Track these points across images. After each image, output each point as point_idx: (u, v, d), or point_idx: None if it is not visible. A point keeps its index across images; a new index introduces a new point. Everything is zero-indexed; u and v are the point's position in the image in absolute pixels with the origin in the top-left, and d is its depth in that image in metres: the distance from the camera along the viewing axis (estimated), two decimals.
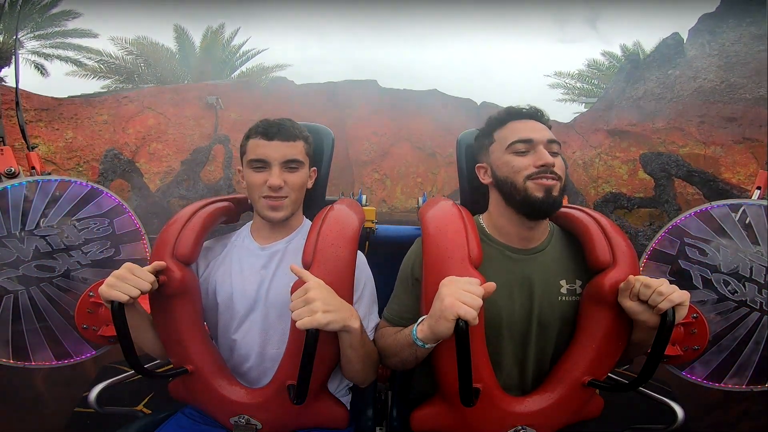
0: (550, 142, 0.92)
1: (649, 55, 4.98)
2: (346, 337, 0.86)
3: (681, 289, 0.77)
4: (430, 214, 1.00)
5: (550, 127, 0.98)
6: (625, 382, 0.84)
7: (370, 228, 1.44)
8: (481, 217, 1.04)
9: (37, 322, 1.26)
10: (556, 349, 0.96)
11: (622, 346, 0.89)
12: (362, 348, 0.89)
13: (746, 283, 1.21)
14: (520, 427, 0.86)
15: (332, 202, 1.12)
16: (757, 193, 1.30)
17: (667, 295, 0.76)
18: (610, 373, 0.93)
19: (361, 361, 0.90)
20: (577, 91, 9.11)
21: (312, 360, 0.76)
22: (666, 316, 0.75)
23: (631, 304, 0.82)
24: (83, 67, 8.34)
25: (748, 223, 1.21)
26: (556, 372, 0.91)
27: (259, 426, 0.93)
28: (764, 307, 1.20)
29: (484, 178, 1.00)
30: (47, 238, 1.27)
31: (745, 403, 1.82)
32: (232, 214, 1.15)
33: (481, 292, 0.74)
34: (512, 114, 0.98)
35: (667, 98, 4.15)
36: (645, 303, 0.80)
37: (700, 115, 3.86)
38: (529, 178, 0.90)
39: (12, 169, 1.27)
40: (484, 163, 1.00)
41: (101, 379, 1.17)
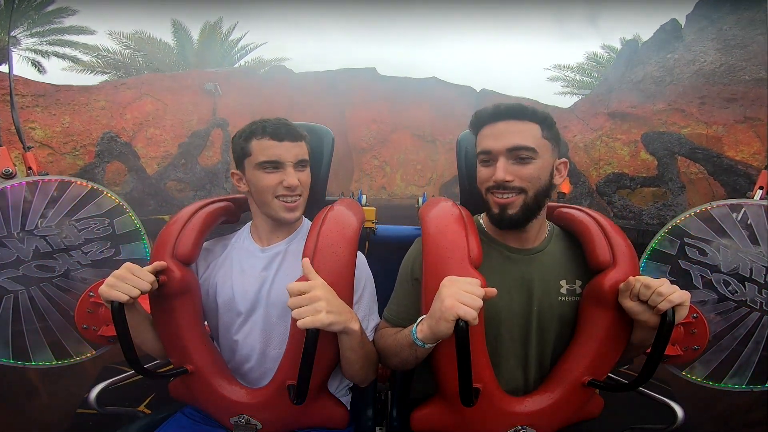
0: (515, 150, 0.86)
1: (648, 41, 4.99)
2: (346, 339, 0.86)
3: (681, 289, 0.77)
4: (430, 214, 1.00)
5: (543, 119, 0.89)
6: (625, 382, 0.84)
7: (370, 228, 1.44)
8: (481, 217, 1.04)
9: (37, 322, 1.26)
10: (556, 349, 0.96)
11: (622, 346, 0.89)
12: (362, 349, 0.89)
13: (746, 283, 1.21)
14: (520, 427, 0.86)
15: (332, 202, 1.12)
16: (760, 192, 1.30)
17: (666, 296, 0.76)
18: (610, 373, 0.93)
19: (361, 361, 0.90)
20: (577, 84, 9.04)
21: (312, 360, 0.76)
22: (666, 317, 0.75)
23: (631, 305, 0.82)
24: (80, 63, 8.27)
25: (748, 223, 1.21)
26: (556, 372, 0.91)
27: (259, 426, 0.93)
28: (764, 307, 1.20)
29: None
30: (47, 238, 1.26)
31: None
32: (232, 214, 1.15)
33: (482, 293, 0.74)
34: (482, 118, 0.92)
35: (666, 81, 4.16)
36: (645, 303, 0.80)
37: (701, 97, 3.87)
38: (488, 191, 0.91)
39: (9, 170, 1.27)
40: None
41: (102, 379, 1.17)
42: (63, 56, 8.37)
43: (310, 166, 1.05)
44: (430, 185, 5.34)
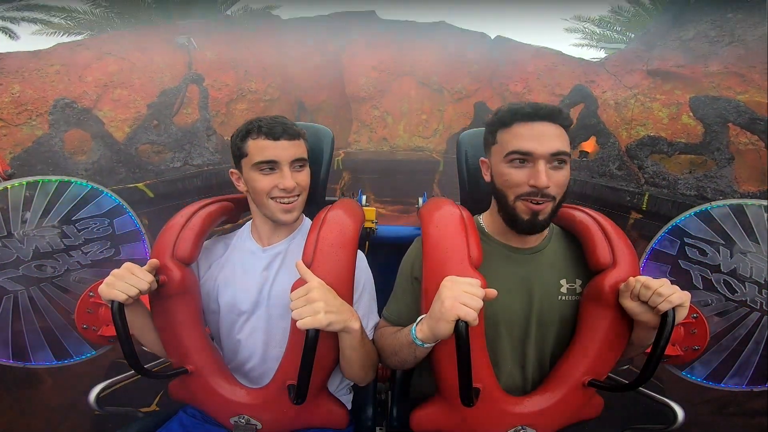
0: (556, 155, 0.83)
1: None
2: (347, 338, 0.86)
3: (681, 289, 0.77)
4: (429, 214, 1.00)
5: (570, 125, 0.88)
6: (625, 382, 0.84)
7: (370, 228, 1.44)
8: (482, 217, 1.04)
9: (37, 322, 1.26)
10: (555, 348, 0.96)
11: (622, 346, 0.89)
12: (362, 348, 0.89)
13: (746, 283, 1.21)
14: (520, 427, 0.86)
15: (332, 202, 1.12)
16: None
17: (666, 297, 0.76)
18: (610, 373, 0.93)
19: (361, 361, 0.90)
20: (596, 37, 8.26)
21: (312, 360, 0.76)
22: (666, 317, 0.75)
23: (631, 305, 0.82)
24: (50, 26, 7.41)
25: (748, 223, 1.21)
26: (556, 372, 0.91)
27: (259, 426, 0.93)
28: (764, 307, 1.20)
29: (486, 175, 0.97)
30: (47, 238, 1.26)
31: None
32: (232, 214, 1.15)
33: (482, 294, 0.74)
34: (517, 114, 0.86)
35: (725, 41, 3.63)
36: (645, 303, 0.80)
37: (766, 62, 3.32)
38: (519, 197, 0.86)
39: None
40: (488, 161, 0.95)
41: (110, 375, 1.16)
42: (34, 20, 7.48)
43: (309, 166, 1.04)
44: (436, 136, 4.85)
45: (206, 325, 1.04)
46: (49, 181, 1.28)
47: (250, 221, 1.10)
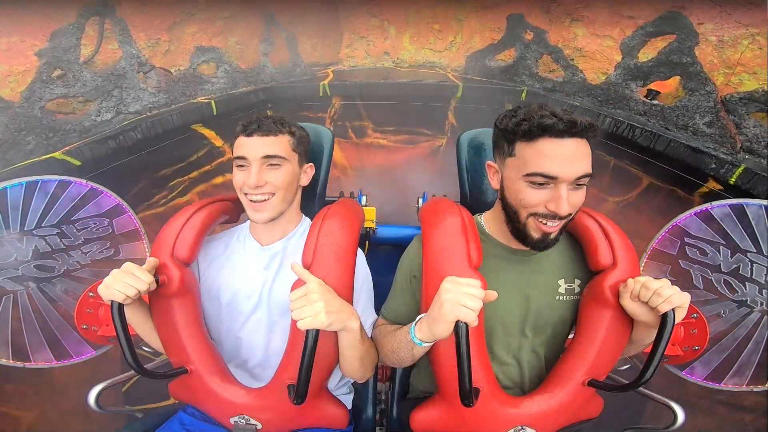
0: (580, 178, 0.77)
1: None
2: (346, 337, 0.86)
3: (681, 289, 0.77)
4: (430, 215, 0.99)
5: (596, 135, 0.79)
6: (625, 382, 0.84)
7: (370, 228, 1.44)
8: (482, 216, 1.04)
9: (36, 322, 1.26)
10: (552, 347, 0.97)
11: (622, 347, 0.89)
12: (361, 346, 0.89)
13: (746, 283, 1.21)
14: (520, 428, 0.86)
15: (332, 201, 1.12)
16: None
17: (666, 297, 0.76)
18: (610, 373, 0.93)
19: (360, 358, 0.90)
20: None
21: (312, 360, 0.77)
22: (666, 318, 0.75)
23: (631, 305, 0.82)
24: None
25: (748, 223, 1.21)
26: (556, 372, 0.91)
27: (259, 426, 0.93)
28: (764, 307, 1.20)
29: (493, 180, 0.92)
30: (47, 238, 1.26)
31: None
32: (232, 214, 1.15)
33: (482, 294, 0.74)
34: (545, 129, 0.76)
35: None
36: (645, 304, 0.80)
37: None
38: (533, 215, 0.81)
39: None
40: (497, 167, 0.89)
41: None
42: None
43: (301, 162, 1.02)
44: (452, 50, 3.72)
45: (206, 322, 1.04)
46: (48, 181, 1.28)
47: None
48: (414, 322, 0.83)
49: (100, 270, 1.32)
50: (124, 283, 0.81)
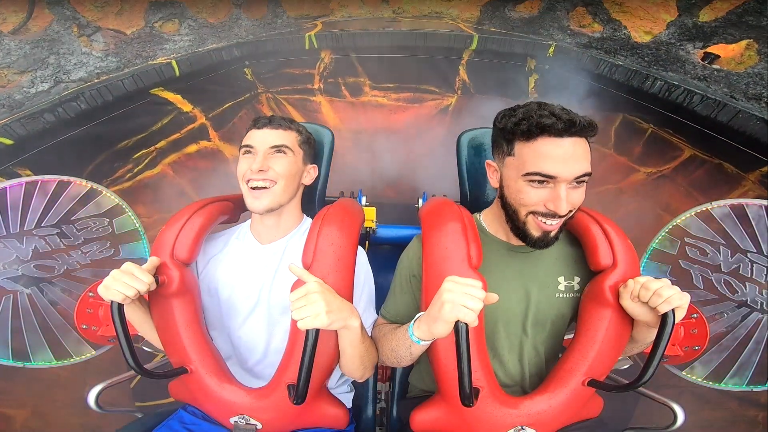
0: (579, 177, 0.77)
1: None
2: (347, 335, 0.86)
3: (681, 289, 0.77)
4: (430, 215, 0.99)
5: (595, 133, 0.79)
6: (626, 382, 0.84)
7: (370, 228, 1.44)
8: (482, 214, 1.04)
9: (36, 322, 1.26)
10: (552, 344, 0.97)
11: (622, 347, 0.89)
12: (361, 344, 0.89)
13: (746, 283, 1.21)
14: (520, 428, 0.86)
15: (332, 201, 1.12)
16: None
17: (666, 298, 0.76)
18: (610, 373, 0.93)
19: (360, 357, 0.90)
20: None
21: (312, 360, 0.76)
22: (666, 318, 0.75)
23: (631, 306, 0.82)
24: None
25: (748, 223, 1.21)
26: (556, 372, 0.91)
27: (259, 426, 0.92)
28: (764, 307, 1.20)
29: (492, 179, 0.92)
30: (47, 238, 1.26)
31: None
32: (232, 214, 1.15)
33: (483, 295, 0.74)
34: (544, 128, 0.76)
35: None
36: (645, 304, 0.80)
37: None
38: (533, 213, 0.82)
39: None
40: (496, 166, 0.90)
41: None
42: None
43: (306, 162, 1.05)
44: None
45: (206, 319, 1.04)
46: (48, 180, 1.28)
47: (250, 219, 1.10)
48: (413, 321, 0.83)
49: (100, 270, 1.32)
50: (124, 283, 0.81)
